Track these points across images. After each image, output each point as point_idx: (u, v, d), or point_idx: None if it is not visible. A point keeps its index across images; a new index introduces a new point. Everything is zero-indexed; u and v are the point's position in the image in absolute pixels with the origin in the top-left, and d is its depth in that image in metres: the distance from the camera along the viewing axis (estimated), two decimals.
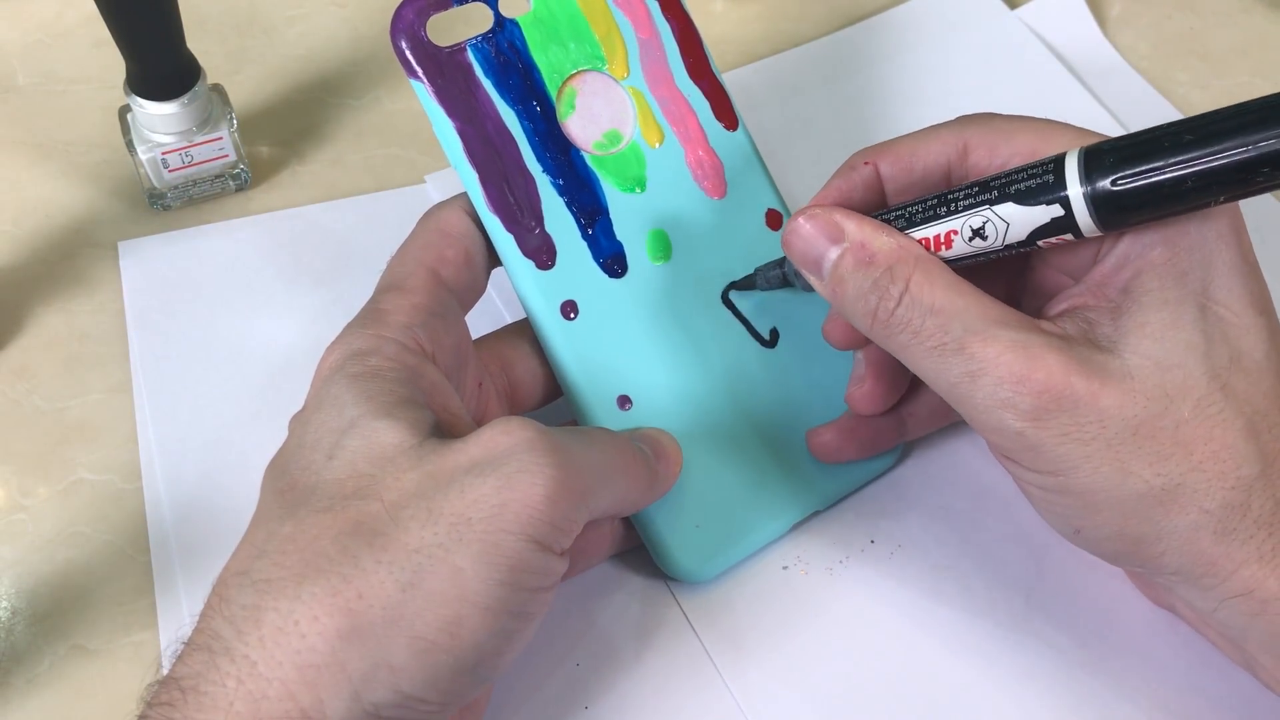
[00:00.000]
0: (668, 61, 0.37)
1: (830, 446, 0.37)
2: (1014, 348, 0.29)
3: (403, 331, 0.31)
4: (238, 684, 0.26)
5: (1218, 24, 0.57)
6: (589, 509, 0.30)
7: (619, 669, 0.35)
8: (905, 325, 0.30)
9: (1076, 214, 0.29)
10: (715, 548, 0.36)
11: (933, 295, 0.30)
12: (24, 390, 0.41)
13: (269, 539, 0.28)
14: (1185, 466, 0.29)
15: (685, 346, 0.36)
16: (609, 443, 0.32)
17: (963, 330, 0.29)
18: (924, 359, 0.30)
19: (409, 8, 0.34)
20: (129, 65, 0.42)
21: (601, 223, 0.36)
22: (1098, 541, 0.31)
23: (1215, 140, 0.26)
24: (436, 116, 0.34)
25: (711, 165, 0.38)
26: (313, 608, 0.26)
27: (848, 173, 0.34)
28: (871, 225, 0.31)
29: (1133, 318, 0.29)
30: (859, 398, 0.36)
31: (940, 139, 0.33)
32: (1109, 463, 0.29)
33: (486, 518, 0.27)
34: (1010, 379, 0.29)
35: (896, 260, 0.30)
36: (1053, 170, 0.29)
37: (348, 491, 0.28)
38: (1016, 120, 0.32)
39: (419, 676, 0.26)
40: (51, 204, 0.46)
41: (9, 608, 0.36)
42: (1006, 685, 0.35)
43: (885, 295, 0.30)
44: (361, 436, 0.29)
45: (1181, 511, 0.29)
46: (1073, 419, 0.29)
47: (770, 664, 0.35)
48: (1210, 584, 0.30)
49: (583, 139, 0.36)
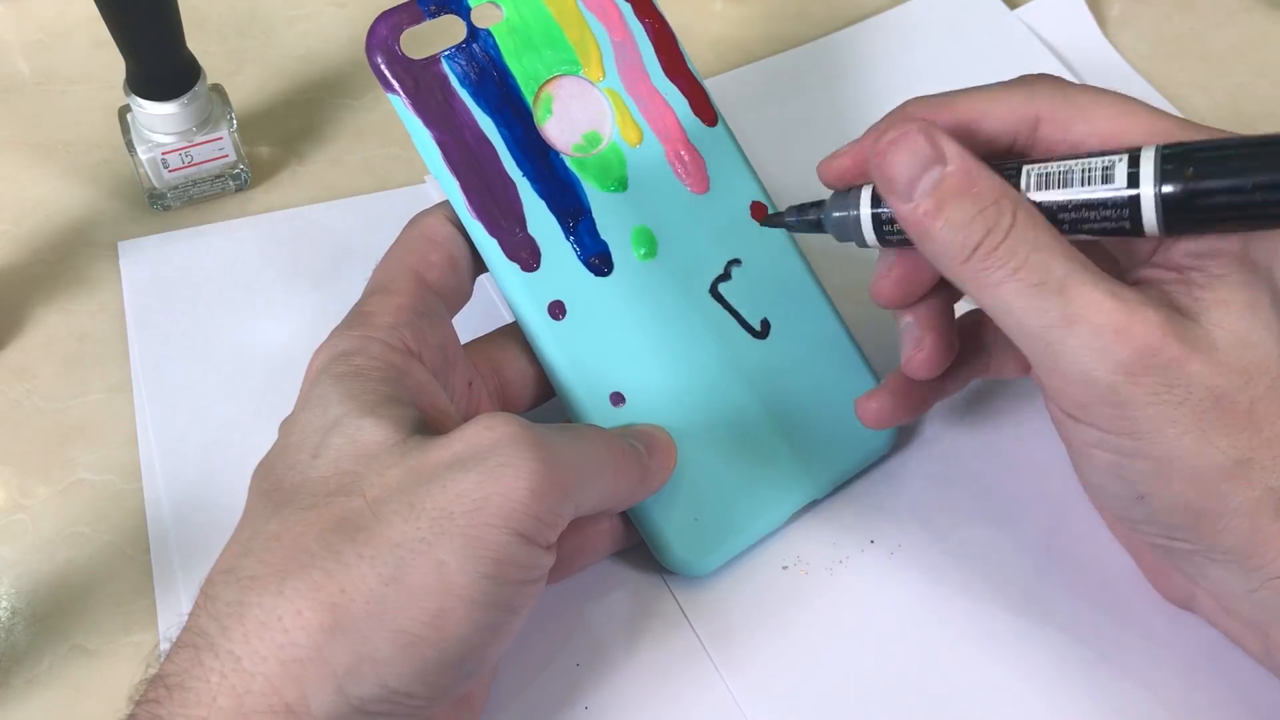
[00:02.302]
0: (643, 62, 0.38)
1: (883, 412, 0.36)
2: (1114, 297, 0.28)
3: (388, 331, 0.31)
4: (221, 679, 0.26)
5: (1218, 24, 0.57)
6: (574, 503, 0.30)
7: (618, 669, 0.35)
8: (1009, 259, 0.29)
9: (1144, 217, 0.28)
10: (714, 540, 0.36)
11: (1037, 234, 0.29)
12: (24, 390, 0.41)
13: (254, 537, 0.28)
14: (1256, 442, 0.28)
15: (676, 341, 0.36)
16: (595, 438, 0.32)
17: (1066, 271, 0.28)
18: (1018, 297, 0.29)
19: (383, 24, 0.34)
20: (129, 65, 0.42)
21: (584, 222, 0.36)
22: (1162, 511, 0.30)
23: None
24: (415, 128, 0.34)
25: (693, 161, 0.38)
26: (295, 602, 0.26)
27: (898, 125, 0.31)
28: (973, 156, 0.30)
29: (1215, 293, 0.29)
30: (920, 361, 0.35)
31: (1009, 104, 0.32)
32: (1193, 430, 0.28)
33: (469, 511, 0.27)
34: (1110, 328, 0.28)
35: (1002, 194, 0.29)
36: (1127, 168, 0.28)
37: (331, 489, 0.28)
38: (1089, 93, 0.31)
39: (404, 670, 0.26)
40: (51, 204, 0.46)
41: (9, 608, 0.36)
42: (1007, 685, 0.35)
43: (995, 227, 0.29)
44: (345, 435, 0.29)
45: (1249, 486, 0.29)
46: (1165, 379, 0.28)
47: (770, 664, 0.35)
48: (1258, 564, 0.29)
49: (561, 142, 0.36)
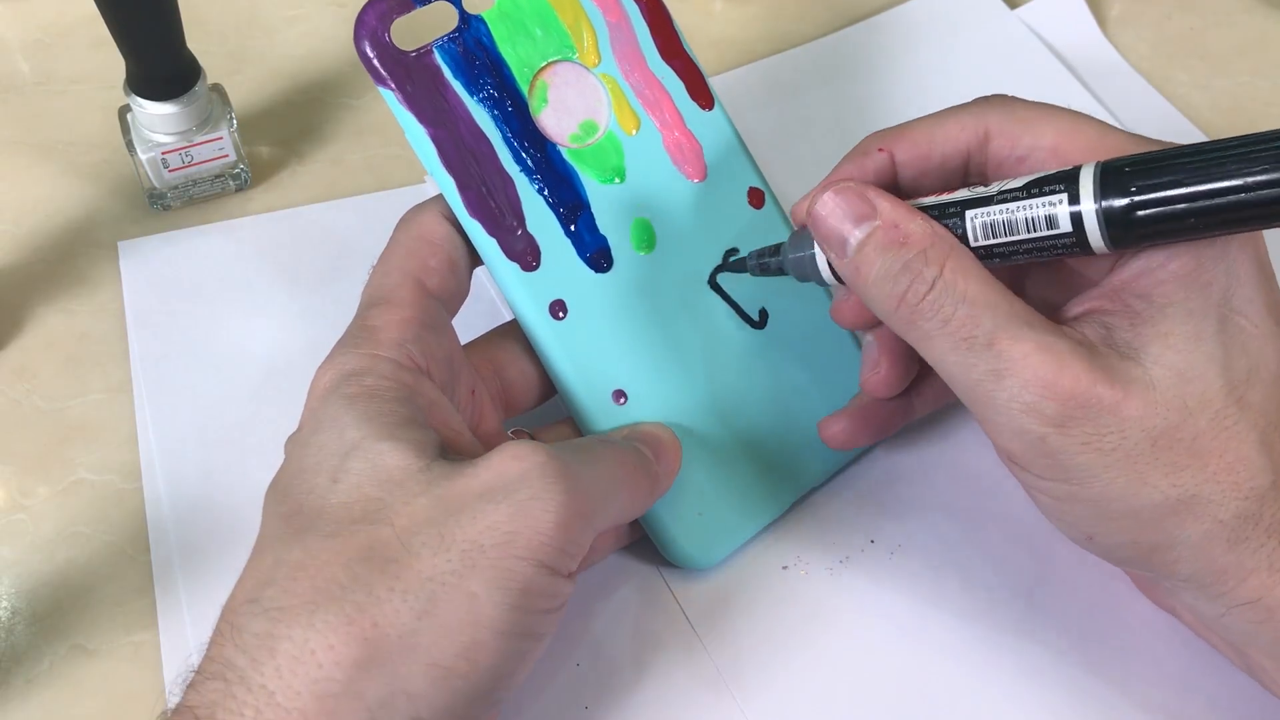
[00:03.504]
0: (639, 44, 0.36)
1: (845, 434, 0.37)
2: (1042, 350, 0.28)
3: (396, 349, 0.31)
4: (256, 714, 0.25)
5: (1218, 24, 0.57)
6: (594, 529, 0.30)
7: (619, 669, 0.35)
8: (936, 312, 0.29)
9: (1089, 233, 0.28)
10: (719, 533, 0.36)
11: (966, 285, 0.29)
12: (24, 390, 0.41)
13: (277, 565, 0.27)
14: (1200, 478, 0.28)
15: (676, 335, 0.36)
16: (610, 457, 0.32)
17: (993, 325, 0.28)
18: (949, 351, 0.29)
19: (370, 13, 0.33)
20: (129, 65, 0.42)
21: (584, 218, 0.35)
22: (1111, 549, 0.31)
23: (1250, 168, 0.25)
24: (408, 124, 0.33)
25: (690, 148, 0.37)
26: (328, 636, 0.26)
27: (859, 158, 0.33)
28: (904, 207, 0.30)
29: (1155, 326, 0.29)
30: (875, 382, 0.35)
31: (960, 123, 0.32)
32: (1126, 473, 0.28)
33: (499, 544, 0.27)
34: (1037, 382, 0.28)
35: (931, 244, 0.29)
36: (1065, 187, 0.28)
37: (355, 516, 0.28)
38: (1039, 109, 0.32)
39: (437, 703, 0.26)
40: (51, 204, 0.46)
41: (9, 608, 0.36)
42: (1007, 685, 0.35)
43: (918, 278, 0.29)
44: (365, 459, 0.28)
45: (1196, 521, 0.29)
46: (1095, 428, 0.28)
47: (771, 664, 0.35)
48: (1219, 591, 0.29)
49: (558, 133, 0.35)
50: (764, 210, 0.38)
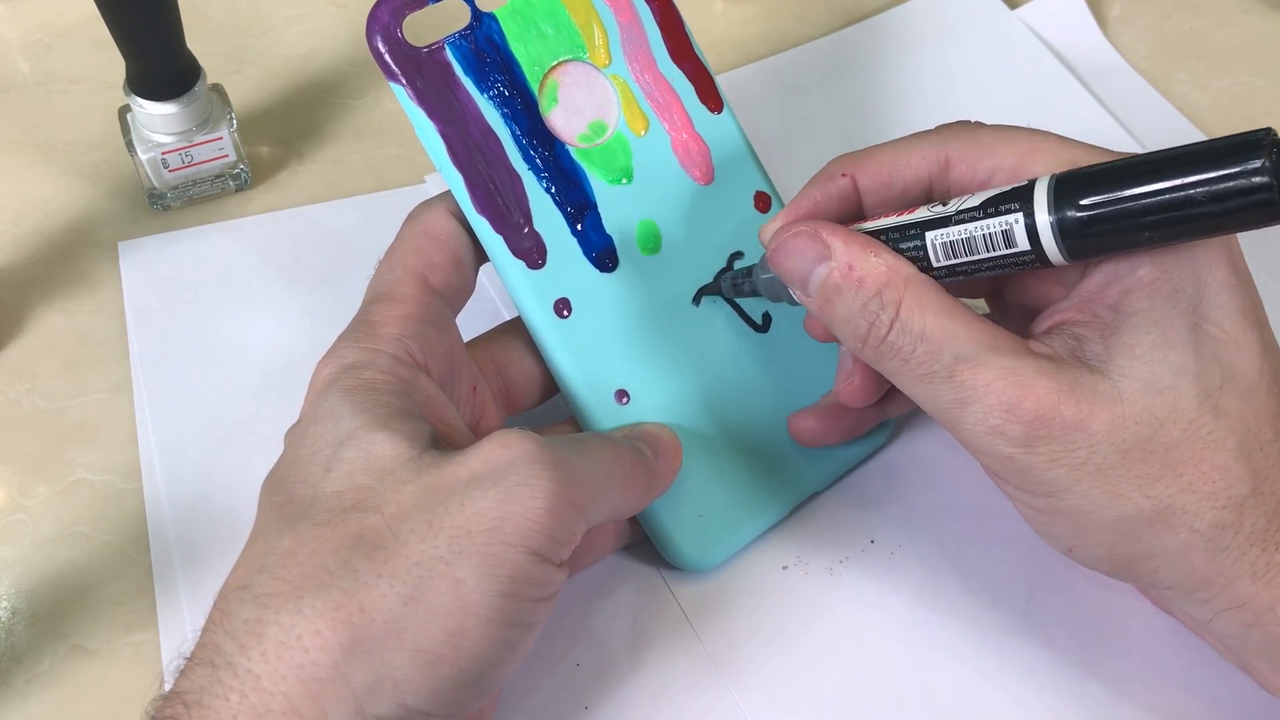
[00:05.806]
0: (649, 45, 0.37)
1: (813, 433, 0.37)
2: (1004, 375, 0.28)
3: (395, 344, 0.31)
4: (241, 698, 0.26)
5: (1218, 24, 0.57)
6: (587, 519, 0.30)
7: (619, 669, 0.35)
8: (895, 353, 0.30)
9: (1044, 246, 0.28)
10: (719, 535, 0.36)
11: (923, 321, 0.29)
12: (24, 390, 0.41)
13: (268, 553, 0.28)
14: (1175, 488, 0.28)
15: (679, 337, 0.36)
16: (606, 450, 0.32)
17: (953, 358, 0.29)
18: (914, 385, 0.30)
19: (383, 8, 0.33)
20: (129, 65, 0.42)
21: (590, 217, 0.35)
22: (1091, 560, 0.31)
23: (1201, 174, 0.25)
24: (418, 119, 0.33)
25: (698, 151, 0.37)
26: (314, 621, 0.26)
27: (824, 183, 0.33)
28: (859, 243, 0.30)
29: (1122, 338, 0.29)
30: (850, 392, 0.36)
31: (921, 151, 0.32)
32: (1098, 486, 0.28)
33: (486, 530, 0.27)
34: (1000, 407, 0.28)
35: (886, 283, 0.30)
36: (1020, 205, 0.28)
37: (346, 504, 0.28)
38: (999, 132, 0.32)
39: (423, 689, 0.26)
40: (51, 204, 0.46)
41: (9, 608, 0.36)
42: (1007, 685, 0.35)
43: (876, 321, 0.30)
44: (359, 449, 0.29)
45: (1171, 531, 0.29)
46: (1063, 445, 0.28)
47: (771, 664, 0.35)
48: (1203, 598, 0.30)
49: (567, 132, 0.35)
50: (770, 215, 0.38)
